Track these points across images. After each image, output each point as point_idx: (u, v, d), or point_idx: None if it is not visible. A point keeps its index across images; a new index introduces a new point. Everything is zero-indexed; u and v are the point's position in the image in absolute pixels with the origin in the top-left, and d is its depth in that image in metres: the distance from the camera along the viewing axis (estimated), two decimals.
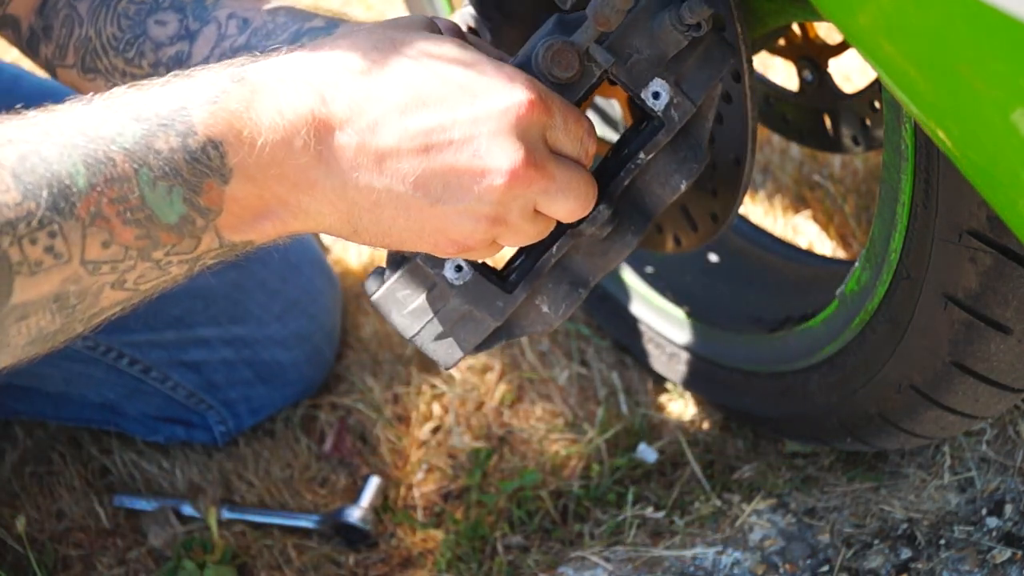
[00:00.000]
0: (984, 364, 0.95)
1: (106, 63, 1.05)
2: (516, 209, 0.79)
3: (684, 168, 0.87)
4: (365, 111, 0.76)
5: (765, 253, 1.37)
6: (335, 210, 0.77)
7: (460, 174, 0.77)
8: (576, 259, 0.88)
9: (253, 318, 1.46)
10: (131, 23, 1.04)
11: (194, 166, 0.72)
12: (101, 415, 1.47)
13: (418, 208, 0.78)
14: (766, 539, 1.22)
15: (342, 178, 0.76)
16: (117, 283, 0.73)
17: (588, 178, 0.82)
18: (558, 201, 0.80)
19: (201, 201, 0.73)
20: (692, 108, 0.84)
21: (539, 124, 0.78)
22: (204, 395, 1.45)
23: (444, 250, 0.81)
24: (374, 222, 0.78)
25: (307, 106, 0.75)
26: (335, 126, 0.75)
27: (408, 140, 0.76)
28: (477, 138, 0.76)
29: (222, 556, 1.33)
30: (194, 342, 1.43)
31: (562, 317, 0.89)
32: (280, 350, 1.47)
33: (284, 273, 1.48)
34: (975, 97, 0.60)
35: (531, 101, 0.77)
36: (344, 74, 0.76)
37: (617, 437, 1.38)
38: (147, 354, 1.41)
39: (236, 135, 0.73)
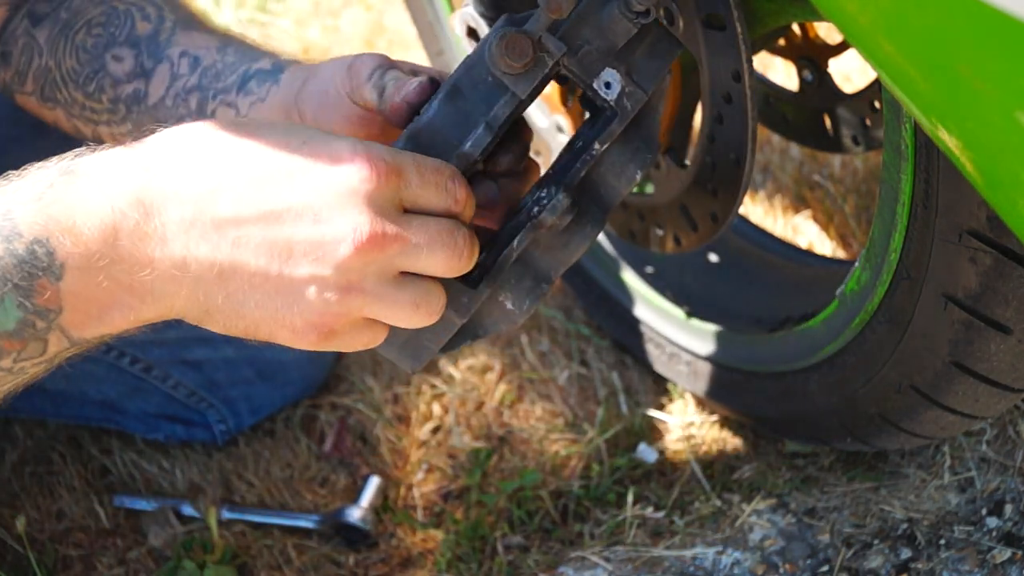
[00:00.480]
0: (984, 364, 0.95)
1: (65, 95, 1.06)
2: (371, 276, 0.76)
3: (638, 159, 0.88)
4: (198, 183, 0.74)
5: (765, 253, 1.37)
6: (180, 287, 0.75)
7: (303, 244, 0.74)
8: (537, 254, 0.88)
9: None
10: (89, 57, 1.04)
11: (22, 268, 0.71)
12: (101, 413, 1.47)
13: (263, 277, 0.75)
14: (766, 539, 1.22)
15: (181, 251, 0.74)
16: None
17: (454, 227, 0.78)
18: (424, 258, 0.77)
19: (38, 302, 0.72)
20: (644, 97, 0.84)
21: (387, 189, 0.76)
22: (205, 393, 1.45)
23: (304, 337, 0.78)
24: (224, 298, 0.76)
25: (137, 187, 0.73)
26: (165, 201, 0.73)
27: (246, 208, 0.74)
28: (316, 207, 0.74)
29: (222, 556, 1.33)
30: (196, 340, 1.43)
31: (526, 313, 0.88)
32: (281, 349, 1.45)
33: None
34: (975, 97, 0.60)
35: (371, 170, 0.75)
36: (177, 154, 0.75)
37: (617, 437, 1.38)
38: (148, 352, 1.41)
39: (61, 229, 0.72)
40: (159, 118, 1.02)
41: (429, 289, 0.79)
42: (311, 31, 2.18)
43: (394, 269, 0.77)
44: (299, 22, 2.21)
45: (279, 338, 0.79)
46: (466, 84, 0.83)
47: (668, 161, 1.08)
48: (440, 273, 0.78)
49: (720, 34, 0.94)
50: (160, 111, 1.03)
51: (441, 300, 0.80)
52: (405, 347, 0.87)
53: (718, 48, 0.95)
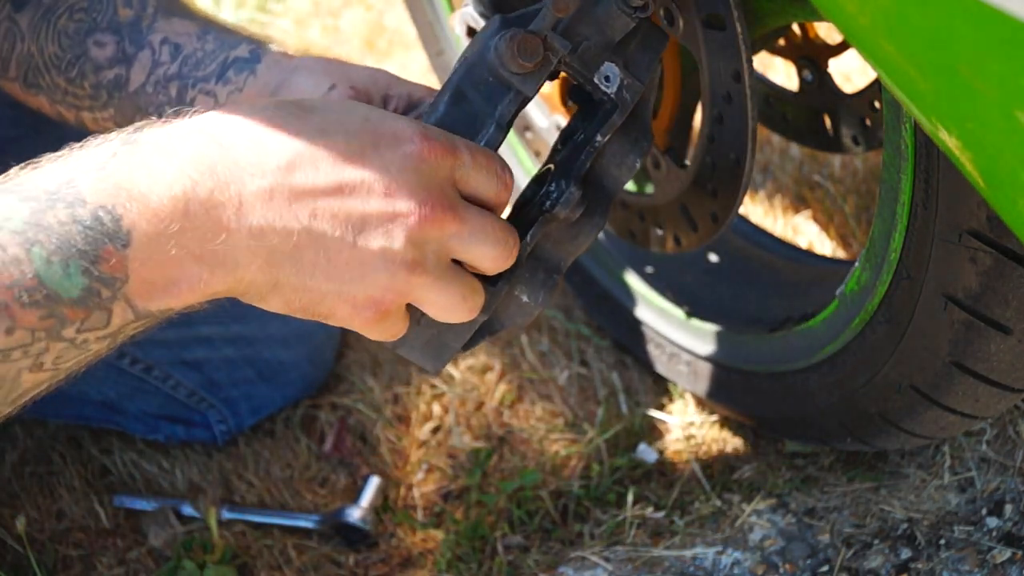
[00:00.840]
0: (984, 364, 0.95)
1: (48, 81, 1.06)
2: (431, 255, 0.78)
3: (637, 148, 0.90)
4: (272, 155, 0.75)
5: (765, 253, 1.37)
6: (254, 258, 0.75)
7: (375, 216, 0.76)
8: (548, 247, 0.89)
9: (255, 316, 1.45)
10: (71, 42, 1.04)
11: (87, 234, 0.70)
12: (101, 413, 1.47)
13: (337, 249, 0.76)
14: (766, 539, 1.22)
15: (259, 221, 0.74)
16: (34, 366, 0.71)
17: (503, 224, 0.81)
18: (474, 247, 0.80)
19: (103, 269, 0.71)
20: (641, 88, 0.87)
21: (445, 167, 0.78)
22: (205, 394, 1.45)
23: (361, 314, 0.79)
24: (295, 270, 0.76)
25: (207, 156, 0.73)
26: (241, 172, 0.74)
27: (321, 181, 0.75)
28: (386, 181, 0.76)
29: (222, 556, 1.33)
30: (196, 340, 1.43)
31: (542, 305, 0.89)
32: (281, 349, 1.47)
33: None
34: (975, 97, 0.60)
35: (431, 150, 0.78)
36: (246, 123, 0.76)
37: (617, 437, 1.38)
38: (149, 353, 1.41)
39: (127, 196, 0.71)
40: (140, 105, 1.03)
41: (475, 286, 0.82)
42: (311, 31, 2.18)
43: (450, 252, 0.79)
44: (299, 22, 2.21)
45: (337, 314, 0.80)
46: (468, 85, 0.84)
47: (668, 161, 1.09)
48: (486, 264, 0.81)
49: (720, 34, 0.94)
50: (140, 98, 1.03)
51: (481, 298, 0.83)
52: (427, 347, 0.88)
53: (718, 48, 0.95)
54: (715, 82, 0.97)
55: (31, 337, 0.70)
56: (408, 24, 1.57)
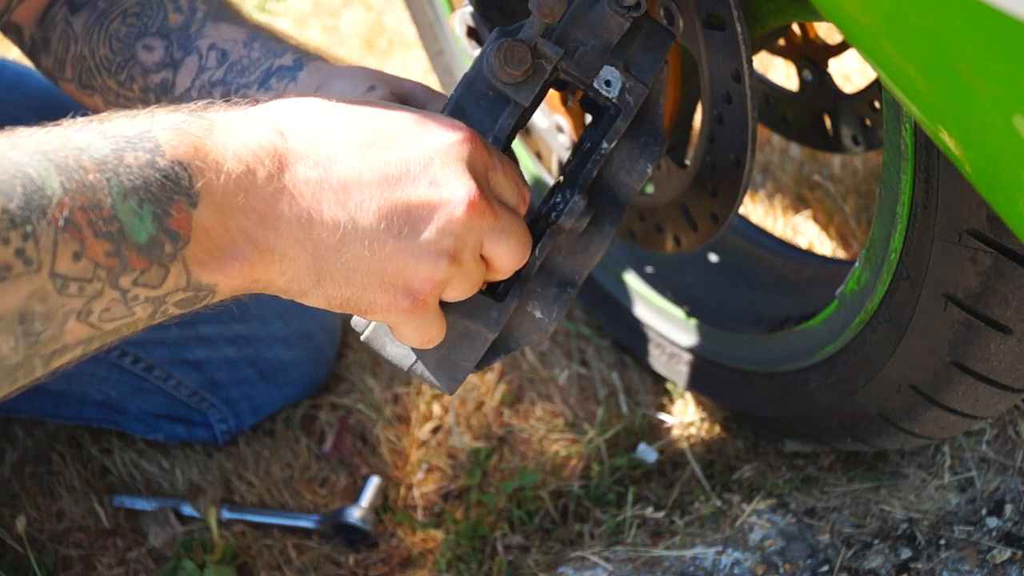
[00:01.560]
0: (984, 364, 0.95)
1: (101, 83, 1.08)
2: (470, 245, 0.80)
3: (647, 153, 0.88)
4: (323, 144, 0.76)
5: (765, 253, 1.37)
6: (302, 251, 0.76)
7: (420, 207, 0.78)
8: (559, 260, 0.88)
9: (255, 316, 1.46)
10: (121, 45, 1.06)
11: (163, 183, 0.70)
12: (101, 413, 1.47)
13: (382, 243, 0.77)
14: (766, 539, 1.22)
15: (307, 212, 0.76)
16: (83, 312, 0.70)
17: (524, 225, 0.83)
18: (501, 242, 0.81)
19: (171, 222, 0.71)
20: (645, 90, 0.85)
21: (483, 162, 0.80)
22: (206, 393, 1.45)
23: (400, 303, 0.80)
24: (339, 264, 0.77)
25: (268, 139, 0.75)
26: (296, 159, 0.75)
27: (368, 172, 0.77)
28: (431, 170, 0.78)
29: (222, 556, 1.33)
30: (197, 340, 1.43)
31: (556, 320, 0.89)
32: (282, 348, 1.47)
33: None
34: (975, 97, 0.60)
35: (473, 141, 0.80)
36: (301, 114, 0.78)
37: (617, 437, 1.38)
38: (150, 352, 1.42)
39: (202, 158, 0.72)
40: None
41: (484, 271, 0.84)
42: (311, 31, 2.18)
43: (479, 244, 0.81)
44: (299, 22, 2.21)
45: (377, 305, 0.80)
46: (468, 101, 0.84)
47: (668, 161, 1.09)
48: (502, 261, 0.83)
49: (720, 34, 0.94)
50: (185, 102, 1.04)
51: None
52: (440, 367, 0.87)
53: (718, 48, 0.95)
54: (715, 82, 0.97)
55: (92, 272, 0.69)
56: (408, 24, 1.57)
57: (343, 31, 2.15)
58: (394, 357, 0.88)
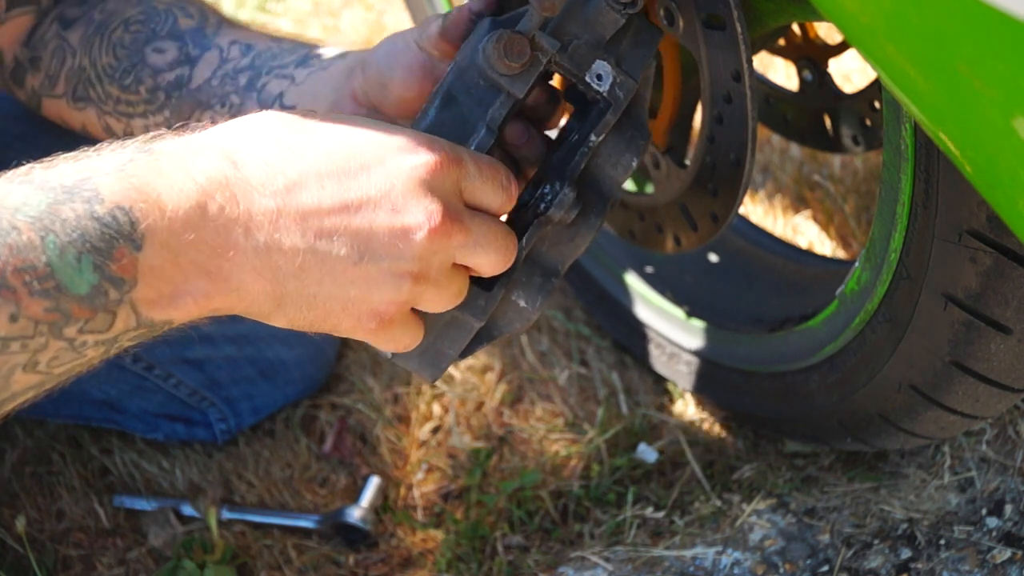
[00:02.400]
0: (984, 364, 0.95)
1: (99, 92, 1.07)
2: (436, 264, 0.79)
3: (633, 146, 0.89)
4: (279, 174, 0.75)
5: (765, 253, 1.37)
6: (260, 278, 0.75)
7: (380, 234, 0.77)
8: (544, 249, 0.89)
9: None
10: (127, 52, 1.05)
11: (103, 232, 0.69)
12: (101, 412, 1.47)
13: (343, 268, 0.77)
14: (766, 539, 1.22)
15: (265, 241, 0.74)
16: (29, 364, 0.70)
17: (505, 230, 0.82)
18: (477, 254, 0.81)
19: (113, 269, 0.70)
20: (635, 85, 0.86)
21: (451, 179, 0.79)
22: (206, 392, 1.45)
23: (365, 325, 0.80)
24: (299, 289, 0.77)
25: (219, 171, 0.74)
26: (251, 190, 0.74)
27: (327, 200, 0.76)
28: (392, 197, 0.77)
29: (222, 556, 1.33)
30: (198, 339, 1.43)
31: (539, 310, 0.89)
32: (283, 348, 1.47)
33: None
34: (975, 97, 0.60)
35: (437, 160, 0.78)
36: (254, 142, 0.76)
37: (617, 437, 1.38)
38: (151, 351, 1.41)
39: (144, 199, 0.71)
40: (201, 100, 1.03)
41: (464, 279, 0.83)
42: (311, 31, 2.18)
43: (452, 260, 0.80)
44: (299, 22, 2.21)
45: (341, 327, 0.80)
46: (459, 89, 0.84)
47: (668, 161, 1.09)
48: (486, 269, 0.82)
49: (720, 34, 0.94)
50: (203, 92, 1.03)
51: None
52: (424, 356, 0.88)
53: (718, 48, 0.95)
54: (715, 82, 0.97)
55: (33, 330, 0.69)
56: (408, 24, 1.57)
57: (343, 31, 2.15)
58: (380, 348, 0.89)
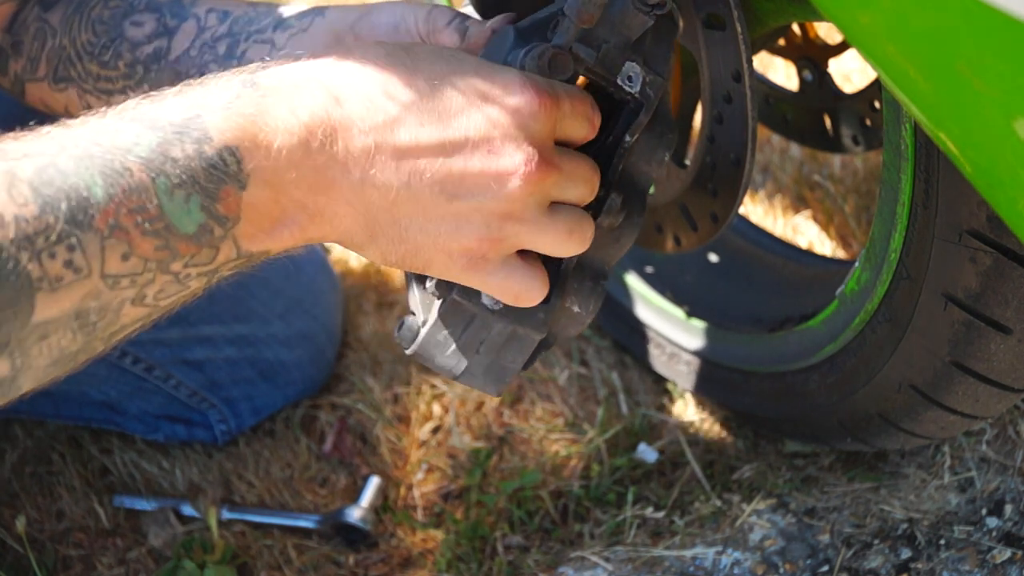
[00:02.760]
0: (984, 364, 0.95)
1: (80, 70, 1.05)
2: (532, 204, 0.79)
3: (664, 141, 0.89)
4: (380, 111, 0.76)
5: (765, 253, 1.37)
6: (353, 211, 0.77)
7: (476, 175, 0.77)
8: (592, 253, 0.89)
9: (257, 316, 1.46)
10: (106, 27, 1.04)
11: (211, 172, 0.71)
12: (101, 414, 1.47)
13: (435, 205, 0.77)
14: (766, 539, 1.22)
15: (361, 176, 0.75)
16: (137, 298, 0.72)
17: (590, 163, 0.82)
18: (569, 190, 0.81)
19: (219, 209, 0.72)
20: (663, 83, 0.86)
21: (549, 120, 0.79)
22: (206, 394, 1.45)
23: (457, 263, 0.80)
24: (391, 223, 0.78)
25: (322, 107, 0.75)
26: (350, 126, 0.75)
27: (425, 139, 0.76)
28: (491, 140, 0.77)
29: (222, 556, 1.33)
30: (198, 340, 1.43)
31: (592, 313, 0.90)
32: (283, 349, 1.47)
33: (287, 272, 1.48)
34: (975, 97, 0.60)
35: (540, 102, 0.78)
36: (357, 77, 0.77)
37: (617, 437, 1.38)
38: (151, 352, 1.41)
39: (252, 139, 0.72)
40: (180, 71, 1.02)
41: (581, 216, 0.82)
42: None
43: (548, 199, 0.80)
44: None
45: (434, 264, 0.81)
46: None
47: (668, 161, 1.09)
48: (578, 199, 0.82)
49: (720, 34, 0.94)
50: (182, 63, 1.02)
51: (590, 227, 0.83)
52: (489, 372, 0.88)
53: (718, 48, 0.95)
54: (715, 82, 0.97)
55: (143, 267, 0.70)
56: None
57: None
58: (444, 367, 0.88)
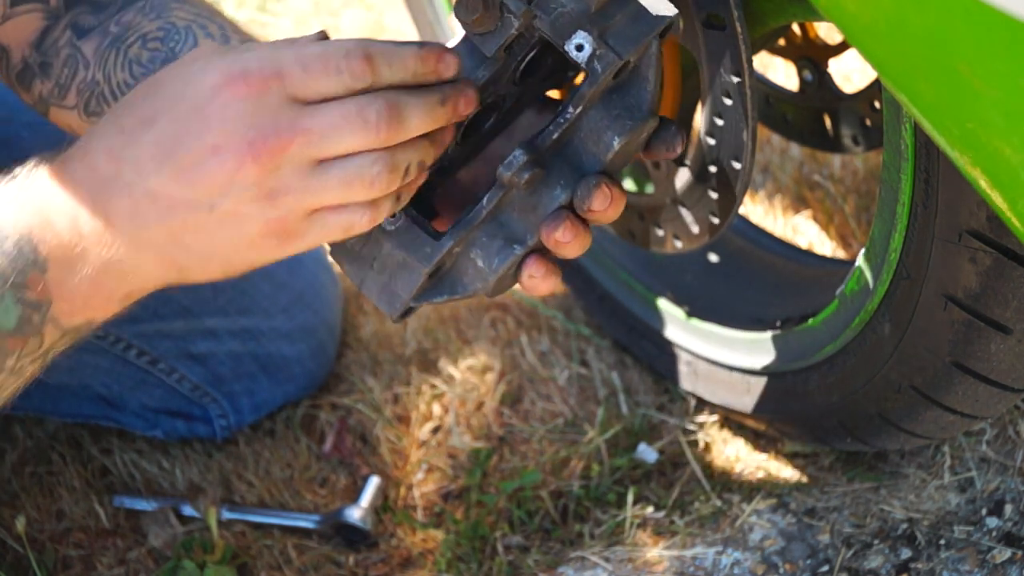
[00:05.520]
0: (984, 364, 0.95)
1: None
2: (288, 175, 0.78)
3: (616, 125, 0.86)
4: (129, 161, 0.79)
5: (765, 253, 1.37)
6: (145, 255, 0.80)
7: (214, 181, 0.77)
8: (512, 215, 0.88)
9: (260, 309, 1.46)
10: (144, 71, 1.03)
11: (14, 265, 0.76)
12: (99, 410, 1.47)
13: (203, 221, 0.79)
14: (766, 539, 1.22)
15: (133, 226, 0.79)
16: None
17: (364, 104, 0.78)
18: (335, 143, 0.78)
19: (30, 297, 0.76)
20: (616, 60, 0.83)
21: (270, 96, 0.77)
22: (208, 388, 1.46)
23: (269, 244, 0.81)
24: (186, 250, 0.80)
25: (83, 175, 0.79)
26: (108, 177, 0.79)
27: (164, 174, 0.78)
28: (210, 140, 0.77)
29: (222, 556, 1.33)
30: (201, 333, 1.44)
31: (495, 272, 0.88)
32: (285, 343, 1.47)
33: (290, 266, 1.49)
34: (975, 97, 0.60)
35: (245, 87, 0.76)
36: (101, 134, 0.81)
37: (617, 437, 1.38)
38: (155, 345, 1.42)
39: (40, 224, 0.78)
40: None
41: (360, 165, 0.79)
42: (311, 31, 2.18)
43: (308, 161, 0.78)
44: (299, 22, 2.21)
45: (253, 260, 0.83)
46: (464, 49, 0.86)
47: (668, 161, 1.09)
48: (358, 146, 0.78)
49: (720, 34, 0.94)
50: None
51: (378, 168, 0.79)
52: (383, 292, 0.90)
53: (718, 48, 0.95)
54: (715, 82, 0.97)
55: None
56: (408, 24, 1.57)
57: (343, 31, 2.15)
58: (349, 274, 0.91)
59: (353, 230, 0.82)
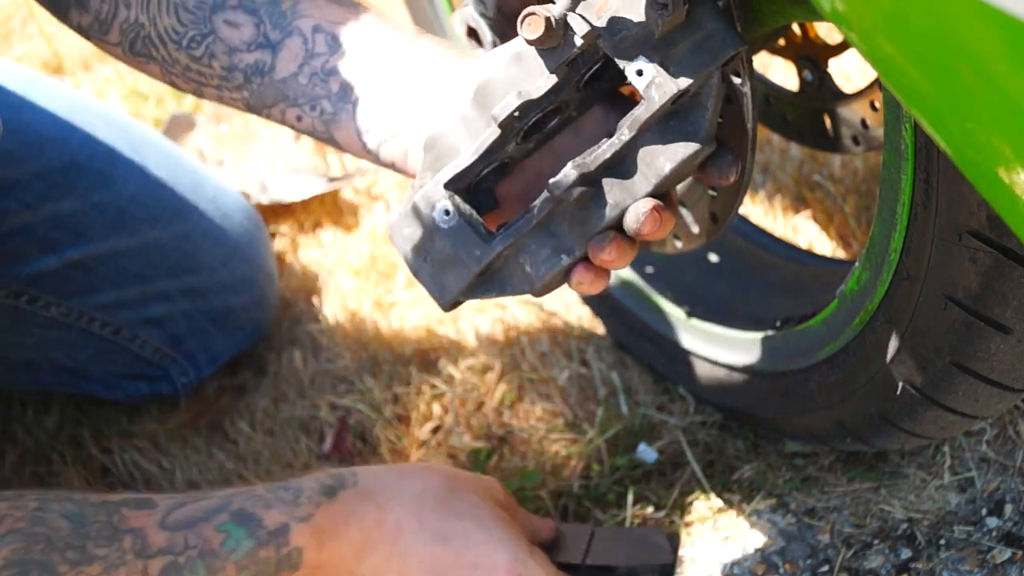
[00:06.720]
0: (984, 364, 0.94)
1: (163, 53, 1.02)
2: None
3: (670, 151, 0.87)
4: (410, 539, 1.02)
5: (765, 253, 1.37)
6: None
7: None
8: (561, 226, 0.89)
9: (204, 266, 1.51)
10: (193, 18, 1.00)
11: (279, 566, 0.96)
12: (60, 377, 1.52)
13: None
14: (766, 539, 1.22)
15: None
16: None
17: None
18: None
19: None
20: (674, 89, 0.84)
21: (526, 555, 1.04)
22: (168, 349, 1.51)
23: None
24: None
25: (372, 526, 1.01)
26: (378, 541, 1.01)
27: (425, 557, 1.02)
28: None
29: None
30: (156, 297, 1.48)
31: (542, 280, 0.90)
32: (230, 295, 1.53)
33: (220, 221, 1.53)
34: (975, 97, 0.60)
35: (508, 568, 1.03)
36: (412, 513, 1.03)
37: (617, 437, 1.38)
38: (116, 315, 1.47)
39: (317, 545, 0.98)
40: (287, 94, 0.99)
41: None
42: None
43: None
44: None
45: None
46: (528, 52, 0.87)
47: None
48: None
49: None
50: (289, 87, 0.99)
51: None
52: (434, 282, 0.93)
53: None
54: None
55: None
56: (408, 24, 1.57)
57: None
58: (404, 259, 0.94)
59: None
